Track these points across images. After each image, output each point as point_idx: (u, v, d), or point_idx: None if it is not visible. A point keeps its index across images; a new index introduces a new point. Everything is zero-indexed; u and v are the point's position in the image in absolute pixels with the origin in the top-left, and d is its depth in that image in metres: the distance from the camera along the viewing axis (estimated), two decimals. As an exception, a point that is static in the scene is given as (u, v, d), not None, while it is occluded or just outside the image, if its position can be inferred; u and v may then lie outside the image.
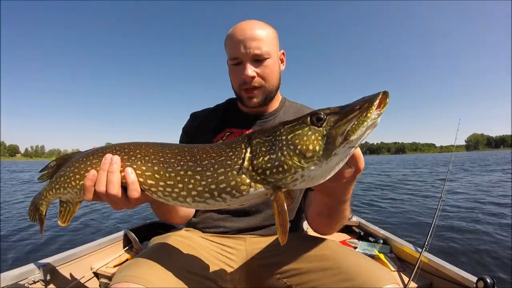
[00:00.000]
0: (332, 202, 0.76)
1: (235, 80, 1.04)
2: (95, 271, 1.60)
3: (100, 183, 0.65)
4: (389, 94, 0.49)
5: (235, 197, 0.58)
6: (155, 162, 0.65)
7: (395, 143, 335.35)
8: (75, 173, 0.71)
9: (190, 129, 1.17)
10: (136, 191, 0.65)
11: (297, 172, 0.52)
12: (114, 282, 0.66)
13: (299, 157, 0.51)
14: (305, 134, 0.52)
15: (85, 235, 4.18)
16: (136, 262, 0.73)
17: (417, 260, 1.47)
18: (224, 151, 0.60)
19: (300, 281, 0.81)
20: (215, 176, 0.58)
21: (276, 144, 0.54)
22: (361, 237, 2.15)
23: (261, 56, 0.97)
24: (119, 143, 0.72)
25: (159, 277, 0.68)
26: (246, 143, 0.58)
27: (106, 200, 0.67)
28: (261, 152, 0.55)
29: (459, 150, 30.90)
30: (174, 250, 0.85)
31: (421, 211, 5.29)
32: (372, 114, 0.48)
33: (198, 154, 0.63)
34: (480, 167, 17.88)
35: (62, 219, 0.77)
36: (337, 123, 0.50)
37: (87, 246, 1.68)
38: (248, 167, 0.56)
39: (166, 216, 0.95)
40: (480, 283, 1.20)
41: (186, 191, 0.61)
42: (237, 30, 0.98)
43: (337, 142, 0.49)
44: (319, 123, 0.52)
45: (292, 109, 1.17)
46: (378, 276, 0.70)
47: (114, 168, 0.65)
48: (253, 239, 1.03)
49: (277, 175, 0.53)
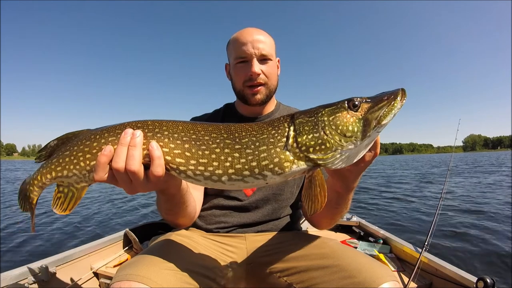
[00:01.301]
0: (343, 188, 0.79)
1: (239, 78, 1.09)
2: (95, 271, 1.60)
3: (119, 158, 0.59)
4: (406, 91, 0.58)
5: (277, 174, 0.59)
6: (186, 140, 0.63)
7: (392, 143, 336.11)
8: (85, 152, 0.64)
9: None
10: (161, 167, 0.61)
11: (337, 149, 0.58)
12: (115, 281, 0.66)
13: (340, 136, 0.58)
14: (345, 116, 0.59)
15: (85, 235, 4.18)
16: (137, 260, 0.73)
17: (417, 260, 1.47)
18: (266, 129, 0.62)
19: (301, 279, 0.82)
20: (257, 154, 0.60)
21: (318, 124, 0.60)
22: (361, 237, 2.15)
23: (266, 56, 1.07)
24: (141, 120, 0.66)
25: (160, 275, 0.68)
26: (289, 122, 0.62)
27: (121, 179, 0.61)
28: (304, 130, 0.60)
29: (457, 151, 31.39)
30: (175, 249, 0.85)
31: (421, 211, 5.29)
32: (398, 103, 0.57)
33: (236, 132, 0.63)
34: (470, 168, 17.90)
35: (61, 207, 0.66)
36: (371, 109, 0.58)
37: (87, 246, 1.68)
38: (292, 144, 0.59)
39: (173, 211, 0.89)
40: (480, 283, 1.20)
41: (222, 170, 0.60)
42: (244, 33, 1.08)
43: (372, 125, 0.57)
44: (355, 108, 0.59)
45: (287, 112, 1.19)
46: (378, 273, 0.70)
47: (137, 142, 0.60)
48: (254, 238, 1.03)
49: (320, 152, 0.58)
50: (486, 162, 26.32)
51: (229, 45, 1.15)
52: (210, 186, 0.64)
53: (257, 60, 1.06)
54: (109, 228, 4.52)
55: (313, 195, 0.58)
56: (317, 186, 0.58)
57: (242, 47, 1.05)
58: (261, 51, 1.05)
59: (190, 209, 0.93)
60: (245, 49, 1.05)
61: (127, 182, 0.62)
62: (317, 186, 0.58)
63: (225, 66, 1.23)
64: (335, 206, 0.87)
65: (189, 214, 0.94)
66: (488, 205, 5.62)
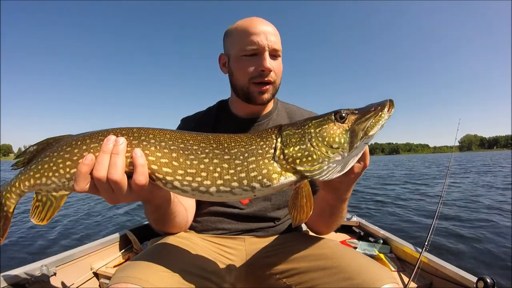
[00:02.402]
0: (335, 200, 0.79)
1: (244, 73, 0.97)
2: (95, 271, 1.60)
3: (100, 166, 0.56)
4: (394, 101, 0.59)
5: (265, 186, 0.58)
6: (174, 149, 0.61)
7: (389, 143, 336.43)
8: (65, 159, 0.60)
9: None
10: (143, 175, 0.57)
11: (324, 161, 0.58)
12: (112, 283, 0.65)
13: (327, 147, 0.58)
14: (331, 128, 0.59)
15: (85, 236, 4.18)
16: (134, 262, 0.72)
17: (417, 260, 1.47)
18: (254, 140, 0.62)
19: (300, 280, 0.81)
20: (245, 165, 0.59)
21: (305, 136, 0.60)
22: (361, 237, 2.15)
23: (277, 52, 0.97)
24: (125, 127, 0.63)
25: (158, 277, 0.67)
26: (277, 134, 0.62)
27: (103, 189, 0.58)
28: (291, 142, 0.60)
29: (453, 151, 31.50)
30: (173, 250, 0.85)
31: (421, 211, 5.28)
32: (385, 114, 0.58)
33: (225, 142, 0.62)
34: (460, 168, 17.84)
35: (39, 216, 0.61)
36: (358, 120, 0.59)
37: (87, 246, 1.68)
38: (279, 155, 0.59)
39: (162, 222, 0.90)
40: (480, 283, 1.20)
41: (211, 180, 0.59)
42: (255, 22, 0.96)
43: (359, 136, 0.57)
44: (341, 120, 0.59)
45: (285, 111, 1.16)
46: (377, 275, 0.70)
47: (120, 149, 0.57)
48: (253, 240, 1.03)
49: (307, 164, 0.58)
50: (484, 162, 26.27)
51: (231, 34, 1.00)
52: (197, 197, 0.62)
53: (269, 55, 0.95)
54: (109, 229, 4.53)
55: (298, 206, 0.57)
56: (303, 197, 0.57)
57: (254, 37, 0.93)
58: (273, 45, 0.95)
59: (179, 219, 0.91)
60: (257, 39, 0.93)
61: (109, 192, 0.59)
62: (303, 197, 0.57)
63: (219, 57, 1.09)
64: (329, 216, 0.87)
65: (178, 224, 0.93)
66: (488, 205, 5.62)
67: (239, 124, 1.08)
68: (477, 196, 6.79)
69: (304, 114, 1.16)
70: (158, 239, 0.97)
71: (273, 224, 1.06)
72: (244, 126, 1.08)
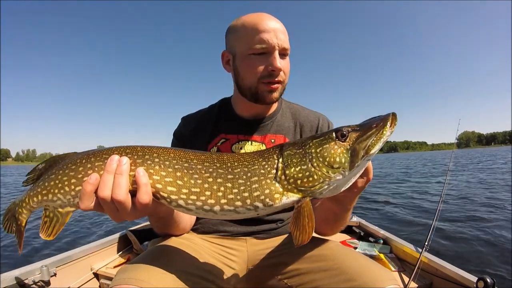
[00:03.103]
0: (339, 209, 0.80)
1: (253, 72, 0.93)
2: (95, 271, 1.60)
3: (105, 186, 0.57)
4: (397, 115, 0.58)
5: (268, 205, 0.59)
6: (178, 168, 0.61)
7: (387, 142, 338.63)
8: (70, 177, 0.62)
9: (183, 134, 1.08)
10: (147, 195, 0.58)
11: (325, 181, 0.58)
12: (113, 284, 0.65)
13: (327, 167, 0.58)
14: (332, 147, 0.59)
15: (85, 236, 4.18)
16: (136, 263, 0.72)
17: (417, 260, 1.47)
18: (256, 160, 0.62)
19: (301, 281, 0.81)
20: (248, 184, 0.60)
21: (306, 156, 0.60)
22: (361, 237, 2.15)
23: (287, 51, 0.94)
24: (129, 145, 0.65)
25: (159, 278, 0.67)
26: (278, 154, 0.62)
27: (108, 208, 0.59)
28: (292, 163, 0.60)
29: (451, 148, 31.58)
30: (174, 251, 0.85)
31: (420, 211, 5.29)
32: (387, 131, 0.57)
33: (229, 161, 0.62)
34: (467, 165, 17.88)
35: (46, 232, 0.64)
36: (359, 138, 0.58)
37: (87, 246, 1.68)
38: (281, 176, 0.59)
39: (165, 229, 0.92)
40: (480, 283, 1.20)
41: (215, 199, 0.60)
42: (264, 18, 0.91)
43: (360, 155, 0.57)
44: (343, 139, 0.59)
45: (289, 111, 1.14)
46: (378, 276, 0.70)
47: (123, 170, 0.58)
48: (254, 241, 1.02)
49: (308, 184, 0.58)
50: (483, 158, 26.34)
51: (236, 31, 0.95)
52: (202, 215, 0.62)
53: (279, 54, 0.91)
54: (109, 229, 4.53)
55: (301, 226, 0.58)
56: (305, 217, 0.58)
57: (264, 35, 0.88)
58: (283, 44, 0.91)
59: (183, 225, 0.93)
60: (267, 38, 0.88)
61: (114, 210, 0.60)
62: (305, 217, 0.58)
63: (222, 54, 1.03)
64: (333, 222, 0.88)
65: (182, 228, 0.95)
66: (487, 205, 5.62)
67: (242, 125, 1.06)
68: (477, 195, 6.80)
69: (309, 114, 1.13)
70: (159, 240, 0.97)
71: (275, 226, 1.06)
72: (247, 126, 1.05)
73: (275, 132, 1.06)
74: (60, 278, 1.43)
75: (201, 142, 1.04)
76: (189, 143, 1.05)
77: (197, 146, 1.04)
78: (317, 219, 0.93)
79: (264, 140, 1.04)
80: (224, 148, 1.02)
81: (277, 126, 1.07)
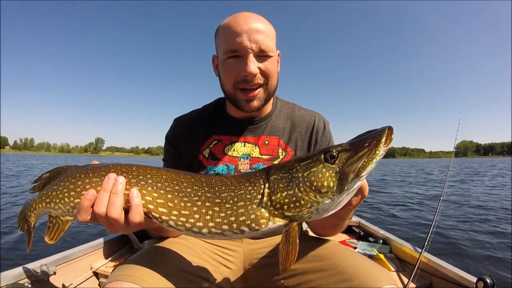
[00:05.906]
0: (337, 220, 0.82)
1: (229, 77, 0.90)
2: (95, 270, 1.61)
3: (101, 203, 0.60)
4: (393, 129, 0.54)
5: (254, 230, 0.59)
6: (169, 190, 0.63)
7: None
8: (70, 189, 0.66)
9: (175, 137, 1.05)
10: (139, 215, 0.61)
11: (313, 206, 0.56)
12: (109, 281, 0.66)
13: (315, 192, 0.55)
14: (320, 171, 0.56)
15: (85, 235, 4.19)
16: (131, 262, 0.73)
17: (417, 260, 1.46)
18: (243, 184, 0.61)
19: (298, 281, 0.81)
20: (235, 209, 0.60)
21: (293, 180, 0.57)
22: (361, 237, 2.15)
23: (265, 52, 0.87)
24: (126, 163, 0.68)
25: (155, 276, 0.68)
26: (264, 178, 0.61)
27: (103, 222, 0.62)
28: (279, 188, 0.58)
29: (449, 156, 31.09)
30: (171, 250, 0.85)
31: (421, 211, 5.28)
32: (381, 150, 0.53)
33: (216, 185, 0.63)
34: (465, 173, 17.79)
35: (49, 236, 0.70)
36: (349, 160, 0.54)
37: (87, 245, 1.68)
38: (267, 202, 0.58)
39: (161, 235, 0.95)
40: (480, 283, 1.20)
41: (203, 222, 0.61)
42: (239, 20, 0.86)
43: (350, 178, 0.54)
44: (332, 160, 0.56)
45: (285, 111, 1.09)
46: (376, 276, 0.69)
47: (119, 189, 0.61)
48: (251, 240, 1.02)
49: (294, 209, 0.57)
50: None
51: (218, 33, 0.92)
52: (191, 236, 0.64)
53: (254, 56, 0.86)
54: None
55: (285, 252, 0.57)
56: (290, 243, 0.57)
57: (235, 38, 0.84)
58: (260, 45, 0.85)
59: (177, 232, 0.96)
60: (238, 41, 0.84)
61: (109, 225, 0.63)
62: (290, 243, 0.57)
63: (212, 58, 1.00)
64: (332, 228, 0.91)
65: (177, 234, 0.96)
66: (487, 205, 5.61)
67: (235, 126, 1.02)
68: (477, 196, 6.78)
69: (304, 114, 1.09)
70: (156, 239, 0.97)
71: (273, 234, 1.04)
72: (240, 128, 1.03)
73: (269, 133, 1.03)
74: (60, 277, 1.43)
75: (194, 144, 1.02)
76: (182, 146, 1.03)
77: (190, 148, 1.02)
78: (315, 226, 0.95)
79: (258, 142, 1.01)
80: (217, 150, 1.00)
81: (272, 128, 1.04)
